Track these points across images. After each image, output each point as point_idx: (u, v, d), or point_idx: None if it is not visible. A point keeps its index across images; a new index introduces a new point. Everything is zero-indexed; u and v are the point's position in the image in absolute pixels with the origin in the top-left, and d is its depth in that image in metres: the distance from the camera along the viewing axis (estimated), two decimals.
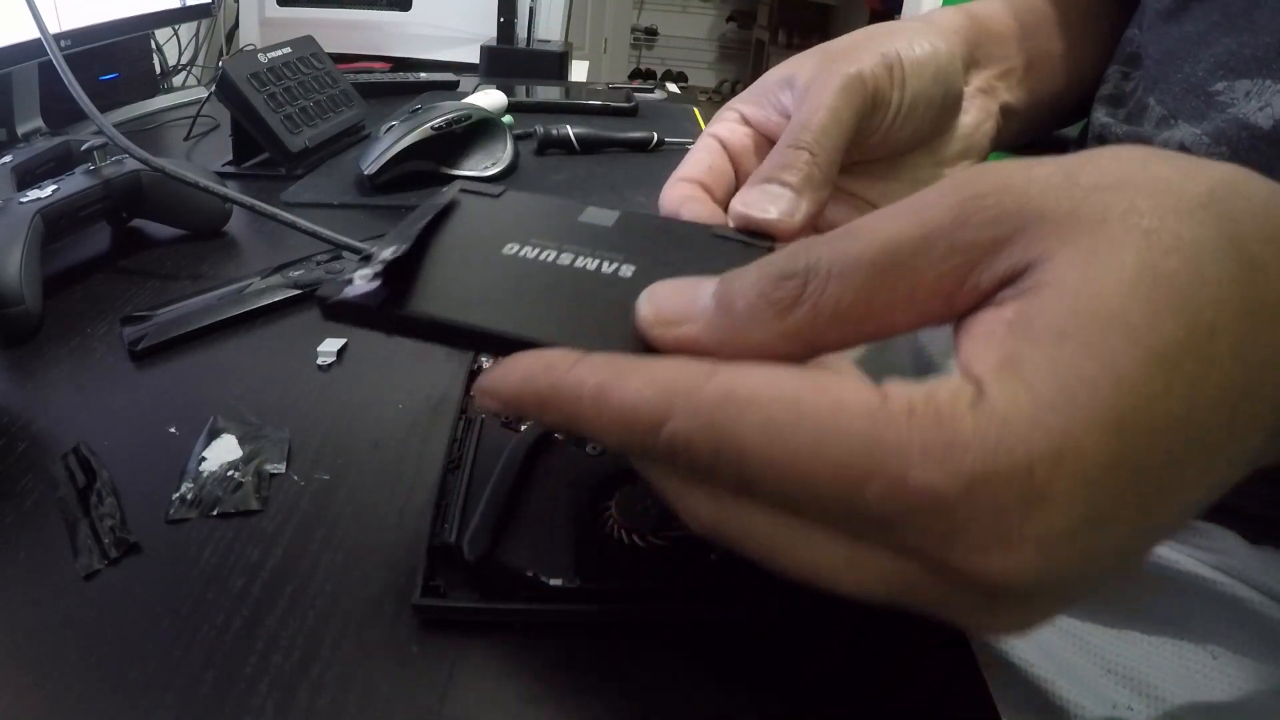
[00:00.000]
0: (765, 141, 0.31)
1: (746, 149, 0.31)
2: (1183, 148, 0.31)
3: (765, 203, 0.25)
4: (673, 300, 0.19)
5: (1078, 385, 0.14)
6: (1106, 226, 0.15)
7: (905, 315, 0.17)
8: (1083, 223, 0.15)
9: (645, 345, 0.18)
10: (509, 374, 0.19)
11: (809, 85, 0.28)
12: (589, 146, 0.71)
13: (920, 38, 0.31)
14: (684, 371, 0.17)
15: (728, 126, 0.31)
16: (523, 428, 0.31)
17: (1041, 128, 0.40)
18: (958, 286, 0.16)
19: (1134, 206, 0.15)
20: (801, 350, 0.17)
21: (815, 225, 0.26)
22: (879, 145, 0.31)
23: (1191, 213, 0.15)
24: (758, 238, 0.24)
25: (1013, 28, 0.37)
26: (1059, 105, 0.39)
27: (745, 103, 0.32)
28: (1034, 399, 0.14)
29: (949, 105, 0.32)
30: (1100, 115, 0.37)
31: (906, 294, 0.16)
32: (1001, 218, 0.16)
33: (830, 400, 0.15)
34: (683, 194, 0.28)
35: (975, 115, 0.34)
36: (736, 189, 0.28)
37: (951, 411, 0.14)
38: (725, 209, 0.28)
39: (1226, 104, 0.29)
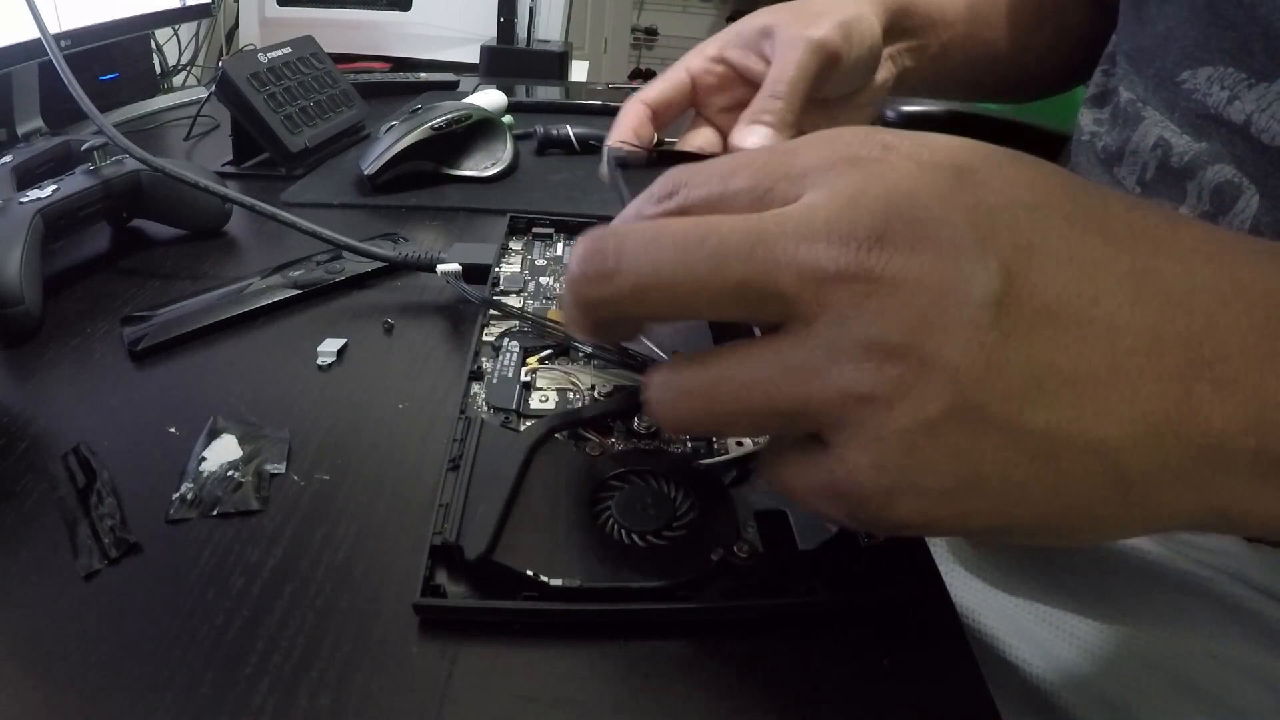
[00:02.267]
0: (739, 79, 0.39)
1: (713, 85, 0.39)
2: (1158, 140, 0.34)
3: (752, 137, 0.36)
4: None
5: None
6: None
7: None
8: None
9: None
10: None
11: (787, 43, 0.37)
12: (589, 147, 0.71)
13: (864, 12, 0.39)
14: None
15: (702, 64, 0.39)
16: (522, 428, 0.31)
17: (958, 90, 0.53)
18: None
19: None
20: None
21: None
22: (826, 93, 0.40)
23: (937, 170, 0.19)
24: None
25: (939, 15, 0.46)
26: (976, 78, 0.51)
27: (730, 46, 0.39)
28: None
29: (873, 66, 0.42)
30: (1086, 119, 0.42)
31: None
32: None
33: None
34: (637, 117, 0.38)
35: (882, 75, 0.44)
36: (705, 114, 0.40)
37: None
38: (659, 133, 0.39)
39: (1190, 91, 0.32)
